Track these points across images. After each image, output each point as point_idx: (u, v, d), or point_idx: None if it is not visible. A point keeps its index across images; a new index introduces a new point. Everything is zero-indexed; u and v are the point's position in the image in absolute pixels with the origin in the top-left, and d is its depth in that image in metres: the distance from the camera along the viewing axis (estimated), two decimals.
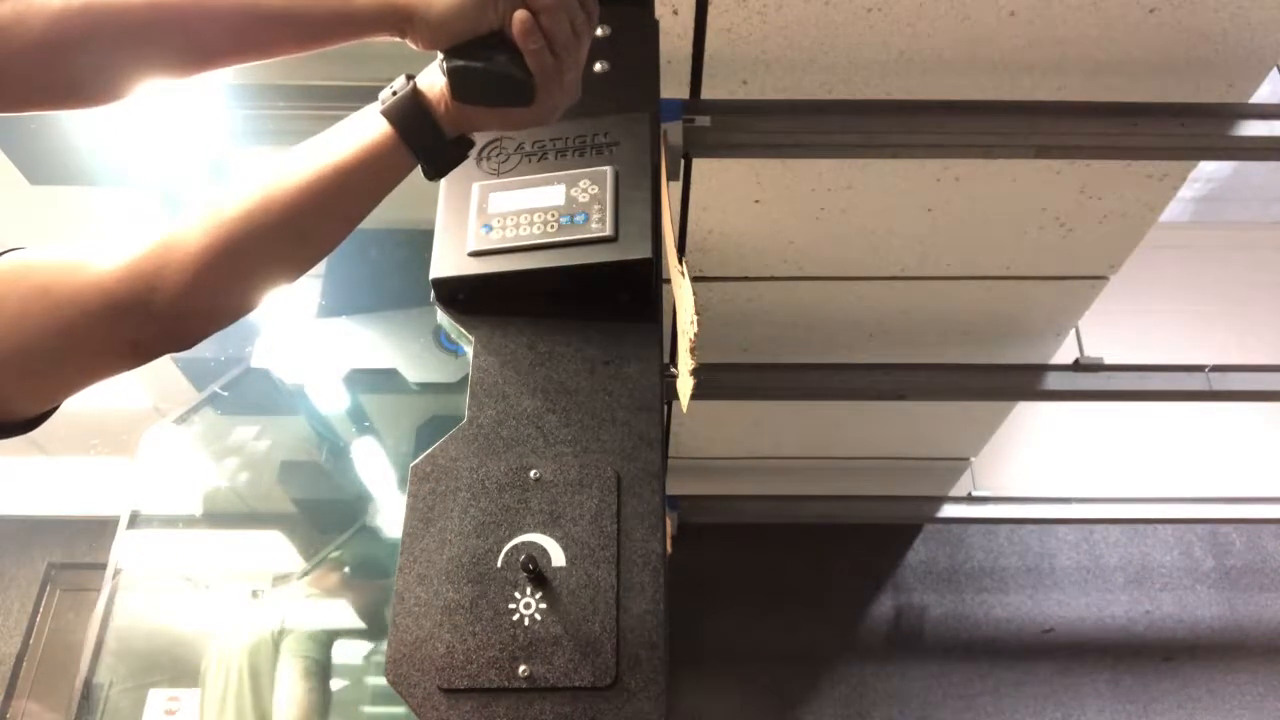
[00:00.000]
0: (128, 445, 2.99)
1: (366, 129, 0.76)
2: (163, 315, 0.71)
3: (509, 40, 0.74)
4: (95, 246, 0.72)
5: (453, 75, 0.74)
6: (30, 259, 0.71)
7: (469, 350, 1.00)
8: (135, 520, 2.66)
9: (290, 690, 2.38)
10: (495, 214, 1.00)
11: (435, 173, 0.79)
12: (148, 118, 1.88)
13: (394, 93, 0.76)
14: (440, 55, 0.75)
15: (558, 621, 0.82)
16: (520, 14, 0.73)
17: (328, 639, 2.53)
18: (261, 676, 2.41)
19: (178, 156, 1.94)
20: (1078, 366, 2.53)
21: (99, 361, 0.72)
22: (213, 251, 0.71)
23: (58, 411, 0.76)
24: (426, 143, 0.76)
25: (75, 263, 0.70)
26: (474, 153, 1.07)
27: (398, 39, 0.75)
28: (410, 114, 0.75)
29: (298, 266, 0.78)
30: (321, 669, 2.45)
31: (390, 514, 2.74)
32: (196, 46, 0.72)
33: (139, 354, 0.73)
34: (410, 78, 0.77)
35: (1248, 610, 3.91)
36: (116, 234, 0.72)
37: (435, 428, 2.60)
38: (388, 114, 0.75)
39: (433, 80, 0.76)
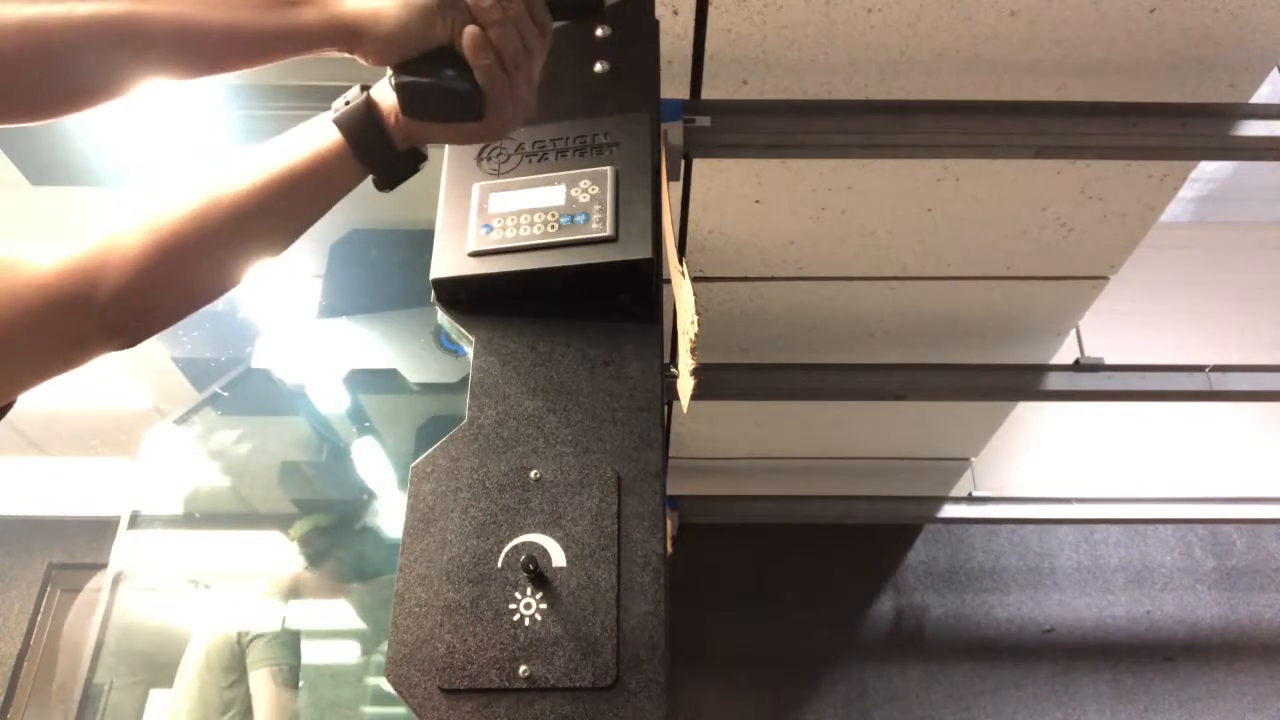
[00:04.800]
0: (128, 445, 2.99)
1: (317, 137, 0.75)
2: (104, 312, 0.71)
3: (458, 55, 0.73)
4: (34, 244, 0.71)
5: (401, 91, 0.74)
6: None
7: (469, 350, 1.00)
8: (135, 520, 2.66)
9: (268, 700, 2.37)
10: (495, 214, 1.00)
11: (385, 184, 0.79)
12: (148, 118, 1.88)
13: (347, 102, 0.76)
14: (389, 71, 0.74)
15: (558, 622, 0.82)
16: (470, 29, 0.72)
17: (294, 642, 2.52)
18: (215, 675, 2.40)
19: (178, 157, 1.95)
20: (1078, 366, 2.53)
21: (41, 359, 0.72)
22: (154, 250, 0.71)
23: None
24: (376, 154, 0.76)
25: (13, 260, 0.70)
26: (474, 153, 1.07)
27: (346, 55, 0.74)
28: (361, 124, 0.75)
29: (241, 268, 0.77)
30: (294, 673, 2.45)
31: (390, 514, 2.74)
32: (137, 64, 0.71)
33: (81, 351, 0.73)
34: (365, 88, 0.77)
35: (1248, 610, 3.91)
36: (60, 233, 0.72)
37: (435, 428, 2.61)
38: (339, 123, 0.75)
39: (387, 91, 0.76)
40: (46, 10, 0.65)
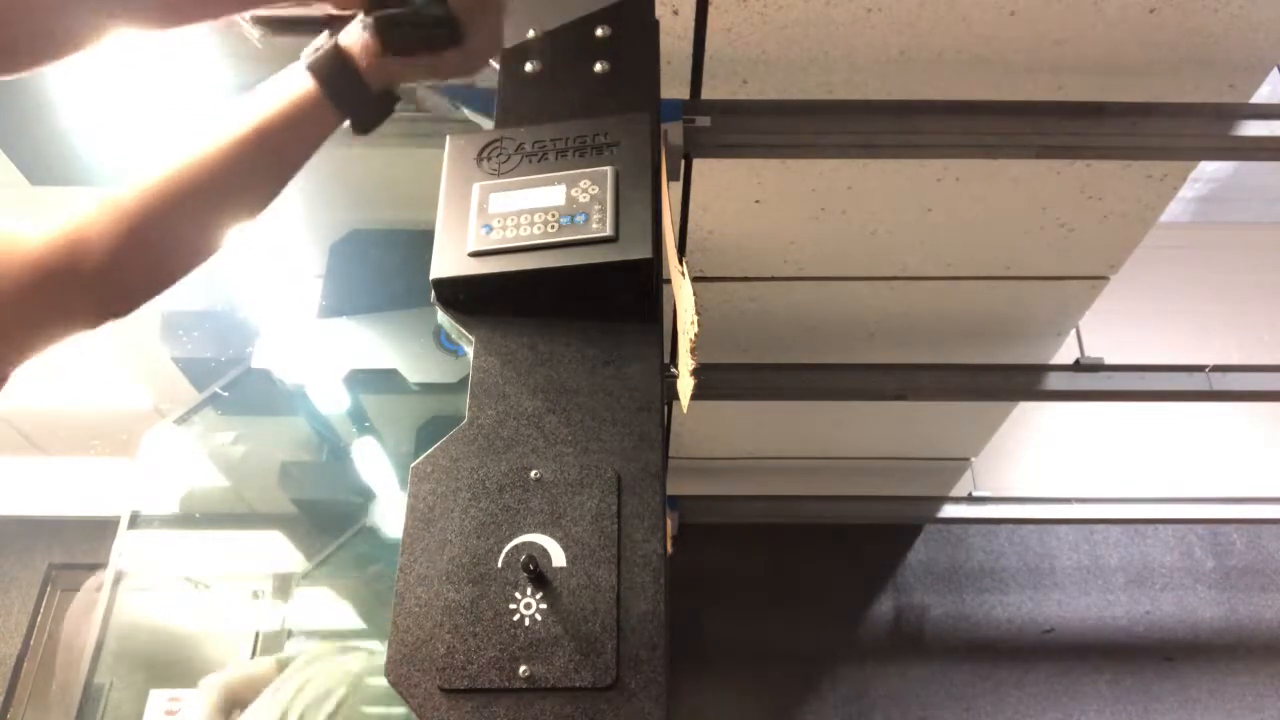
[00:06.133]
0: (128, 445, 2.99)
1: (291, 86, 0.76)
2: (91, 283, 0.71)
3: None
4: (24, 219, 0.72)
5: (379, 26, 0.75)
6: None
7: (469, 351, 1.00)
8: (135, 520, 2.66)
9: None
10: (495, 214, 1.00)
11: (362, 126, 0.80)
12: (148, 117, 1.88)
13: (317, 49, 0.77)
14: (361, 14, 0.76)
15: (558, 622, 0.82)
16: None
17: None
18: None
19: None
20: (1078, 366, 2.53)
21: (33, 333, 0.72)
22: (136, 219, 0.72)
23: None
24: (351, 97, 0.77)
25: (3, 235, 0.71)
26: (474, 153, 1.07)
27: (317, 3, 0.75)
28: (333, 69, 0.76)
29: (228, 226, 0.78)
30: None
31: (390, 514, 2.74)
32: (105, 15, 0.71)
33: (73, 324, 0.73)
34: (332, 34, 0.78)
35: (1248, 610, 3.91)
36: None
37: (435, 428, 2.61)
38: (313, 69, 0.76)
39: (354, 36, 0.76)
40: None
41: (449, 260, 0.99)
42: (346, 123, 0.79)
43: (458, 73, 0.81)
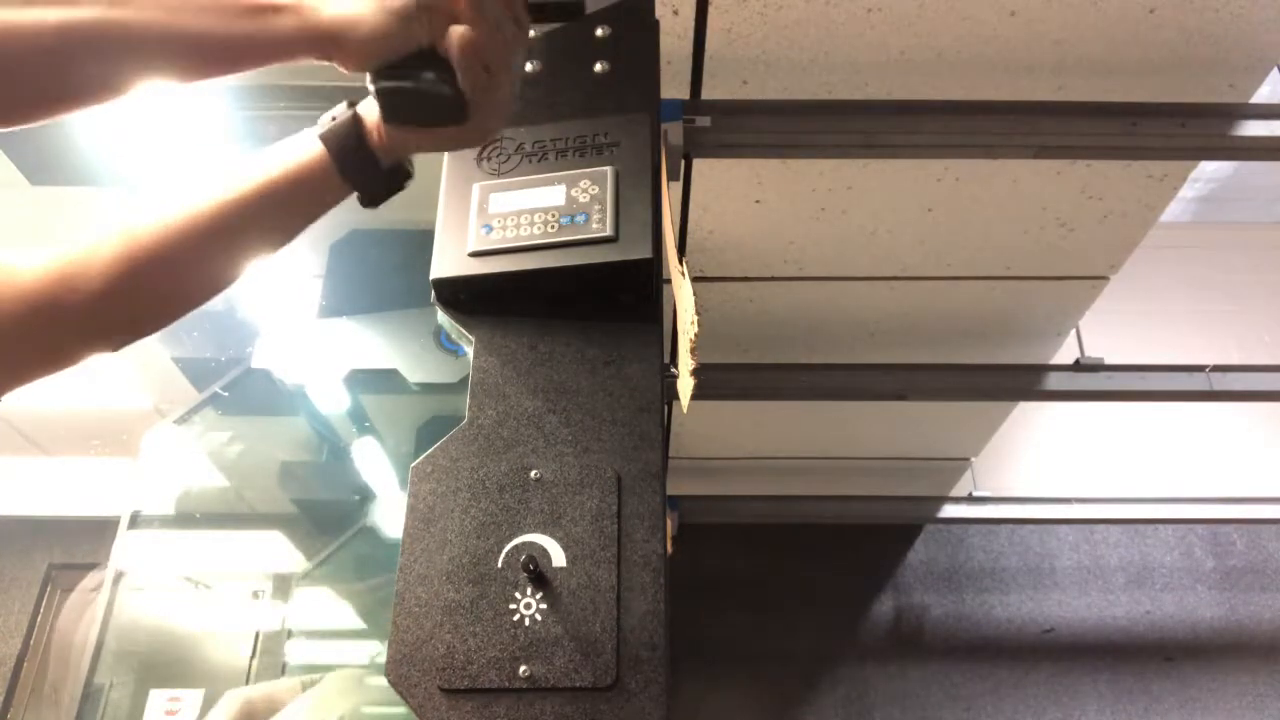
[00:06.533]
0: (128, 445, 2.99)
1: (302, 152, 0.75)
2: (80, 321, 0.72)
3: (439, 58, 0.72)
4: (20, 249, 0.72)
5: (381, 96, 0.73)
6: None
7: (469, 350, 1.00)
8: (136, 520, 2.66)
9: None
10: (495, 214, 1.00)
11: (368, 201, 0.78)
12: (149, 118, 1.88)
13: (334, 118, 0.76)
14: (369, 76, 0.73)
15: (558, 622, 0.82)
16: (452, 31, 0.71)
17: None
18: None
19: (178, 157, 1.94)
20: (1078, 366, 2.53)
21: (21, 364, 0.72)
22: (130, 262, 0.72)
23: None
24: (360, 171, 0.76)
25: None
26: (474, 153, 1.07)
27: (324, 63, 0.73)
28: (346, 141, 0.75)
29: (222, 279, 0.78)
30: None
31: (390, 514, 2.74)
32: (108, 72, 0.69)
33: (61, 357, 0.74)
34: (352, 104, 0.77)
35: (1248, 610, 3.91)
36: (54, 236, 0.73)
37: (435, 428, 2.60)
38: (324, 139, 0.75)
39: (372, 106, 0.75)
40: (16, 16, 0.64)
41: (449, 260, 0.99)
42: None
43: (462, 146, 0.79)
